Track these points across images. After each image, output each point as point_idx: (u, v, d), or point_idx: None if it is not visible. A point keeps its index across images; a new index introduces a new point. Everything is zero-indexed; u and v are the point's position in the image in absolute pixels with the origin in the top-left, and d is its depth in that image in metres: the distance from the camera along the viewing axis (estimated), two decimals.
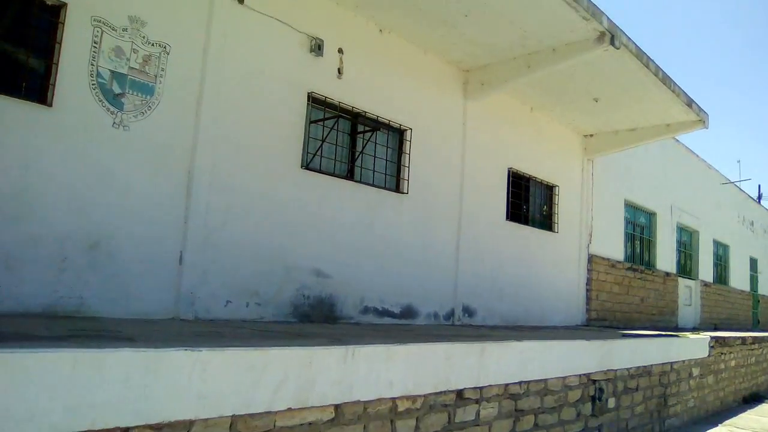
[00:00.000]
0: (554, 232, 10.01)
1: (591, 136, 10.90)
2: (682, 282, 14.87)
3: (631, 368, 6.64)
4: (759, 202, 38.44)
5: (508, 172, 9.01)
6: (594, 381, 5.94)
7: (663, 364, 7.50)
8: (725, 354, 9.96)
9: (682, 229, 15.29)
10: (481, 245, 8.37)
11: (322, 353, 3.12)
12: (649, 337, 7.56)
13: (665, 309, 13.58)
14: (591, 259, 10.82)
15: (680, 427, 7.85)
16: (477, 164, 8.35)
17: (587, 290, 10.73)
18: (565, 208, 10.35)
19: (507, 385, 4.71)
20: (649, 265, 13.31)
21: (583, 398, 5.72)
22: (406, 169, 7.32)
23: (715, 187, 17.35)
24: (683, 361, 8.16)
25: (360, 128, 6.91)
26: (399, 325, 6.83)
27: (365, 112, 6.84)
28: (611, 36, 6.84)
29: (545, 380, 5.17)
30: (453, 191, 7.97)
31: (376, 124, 7.00)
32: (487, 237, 8.50)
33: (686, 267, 15.58)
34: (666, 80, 8.34)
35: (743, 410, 9.89)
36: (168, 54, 5.03)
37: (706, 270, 16.44)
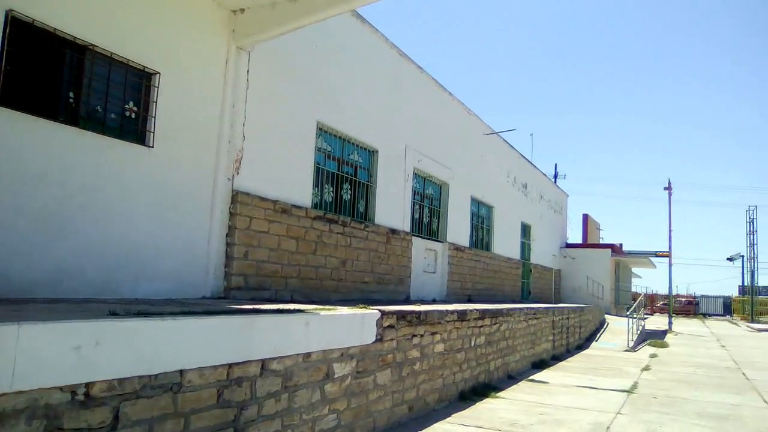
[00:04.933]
0: (147, 146, 6.14)
1: (242, 11, 7.22)
2: (422, 243, 12.05)
3: (110, 379, 2.99)
4: (555, 181, 39.16)
5: (7, 16, 4.89)
6: None
7: (234, 365, 3.99)
8: (420, 336, 6.91)
9: (424, 179, 12.46)
10: None
11: None
12: (194, 315, 3.98)
13: (388, 276, 10.56)
14: (237, 197, 7.18)
15: None
16: None
17: (228, 244, 7.09)
18: (183, 113, 6.54)
19: None
20: (364, 217, 10.15)
21: None
22: None
23: (476, 138, 14.95)
24: (305, 355, 4.77)
25: None
26: None
27: None
28: None
29: None
30: None
31: None
32: None
33: (431, 226, 12.84)
34: None
35: (448, 414, 6.95)
36: None
37: (460, 231, 13.92)
